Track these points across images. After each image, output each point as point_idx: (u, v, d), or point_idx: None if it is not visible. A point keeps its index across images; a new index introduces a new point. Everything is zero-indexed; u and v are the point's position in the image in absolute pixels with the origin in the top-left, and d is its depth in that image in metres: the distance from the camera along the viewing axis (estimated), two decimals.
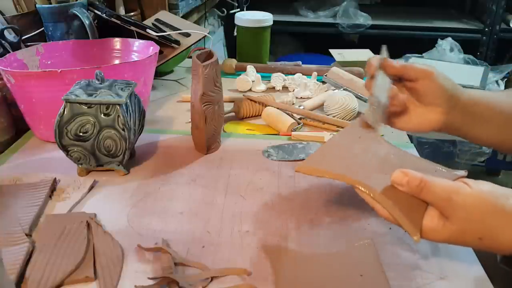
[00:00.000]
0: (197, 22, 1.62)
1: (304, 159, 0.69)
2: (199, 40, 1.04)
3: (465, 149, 1.78)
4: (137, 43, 0.88)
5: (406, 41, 2.12)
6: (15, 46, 0.84)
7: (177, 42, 0.99)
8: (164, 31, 1.00)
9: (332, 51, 1.16)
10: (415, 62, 0.57)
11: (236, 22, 1.11)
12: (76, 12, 0.87)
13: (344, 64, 1.07)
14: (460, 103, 0.57)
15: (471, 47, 1.93)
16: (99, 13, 0.93)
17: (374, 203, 0.47)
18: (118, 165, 0.66)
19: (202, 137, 0.70)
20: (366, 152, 0.52)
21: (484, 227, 0.42)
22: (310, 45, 2.52)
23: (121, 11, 1.19)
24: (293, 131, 0.79)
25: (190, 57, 1.14)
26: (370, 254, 0.51)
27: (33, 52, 0.82)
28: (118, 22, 0.92)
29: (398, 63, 0.56)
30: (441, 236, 0.43)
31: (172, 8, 1.28)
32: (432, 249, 0.52)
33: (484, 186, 0.43)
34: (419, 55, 1.84)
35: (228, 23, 1.92)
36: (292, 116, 0.83)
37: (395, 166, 0.47)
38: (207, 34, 1.05)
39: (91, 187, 0.63)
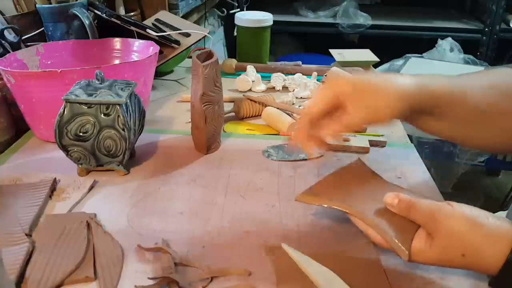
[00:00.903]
0: (197, 22, 1.62)
1: (304, 159, 0.71)
2: (199, 40, 1.04)
3: (465, 149, 1.78)
4: (137, 43, 0.88)
5: (406, 41, 2.12)
6: (15, 46, 0.84)
7: (177, 42, 0.99)
8: (164, 31, 1.00)
9: (332, 51, 1.16)
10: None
11: (236, 22, 1.11)
12: (76, 12, 0.87)
13: (344, 64, 1.07)
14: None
15: (471, 47, 1.93)
16: (99, 13, 0.93)
17: (367, 229, 0.48)
18: (118, 165, 0.66)
19: (202, 137, 0.70)
20: (361, 186, 0.55)
21: (466, 243, 0.43)
22: (310, 45, 2.52)
23: (121, 11, 1.19)
24: (293, 131, 0.79)
25: (190, 57, 1.14)
26: (370, 254, 0.51)
27: (33, 52, 0.82)
28: (118, 22, 0.92)
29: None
30: (428, 256, 0.44)
31: (172, 8, 1.28)
32: None
33: (465, 207, 0.45)
34: (419, 55, 1.84)
35: (228, 23, 1.92)
36: (292, 116, 0.83)
37: None
38: (207, 34, 1.05)
39: (91, 187, 0.63)
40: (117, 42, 0.89)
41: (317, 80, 1.00)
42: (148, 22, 1.06)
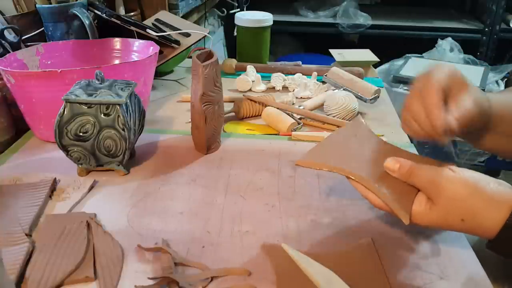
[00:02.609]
0: (197, 22, 1.62)
1: None
2: (199, 40, 1.04)
3: (465, 149, 1.78)
4: (137, 43, 0.88)
5: (406, 41, 2.12)
6: (15, 46, 0.84)
7: (177, 42, 0.99)
8: (164, 31, 1.00)
9: (332, 51, 1.16)
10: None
11: (236, 22, 1.11)
12: (76, 12, 0.87)
13: (344, 64, 1.07)
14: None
15: (471, 47, 1.94)
16: (99, 13, 0.93)
17: (367, 192, 0.49)
18: (118, 165, 0.66)
19: (202, 137, 0.70)
20: (361, 148, 0.55)
21: (466, 208, 0.43)
22: (310, 45, 2.52)
23: (121, 11, 1.19)
24: (293, 131, 0.79)
25: (190, 57, 1.14)
26: (370, 254, 0.51)
27: (33, 52, 0.82)
28: (118, 22, 0.92)
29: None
30: (428, 219, 0.45)
31: (172, 8, 1.28)
32: (432, 249, 0.52)
33: (466, 172, 0.45)
34: (419, 55, 1.85)
35: (228, 23, 1.92)
36: (292, 116, 0.83)
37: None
38: (207, 34, 1.05)
39: (91, 187, 0.63)
40: (117, 42, 0.89)
41: (317, 80, 1.00)
42: (148, 22, 1.06)
